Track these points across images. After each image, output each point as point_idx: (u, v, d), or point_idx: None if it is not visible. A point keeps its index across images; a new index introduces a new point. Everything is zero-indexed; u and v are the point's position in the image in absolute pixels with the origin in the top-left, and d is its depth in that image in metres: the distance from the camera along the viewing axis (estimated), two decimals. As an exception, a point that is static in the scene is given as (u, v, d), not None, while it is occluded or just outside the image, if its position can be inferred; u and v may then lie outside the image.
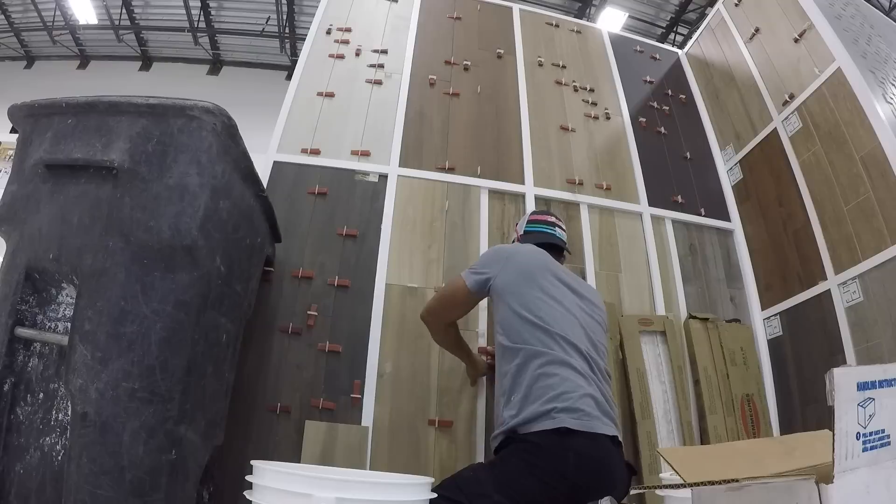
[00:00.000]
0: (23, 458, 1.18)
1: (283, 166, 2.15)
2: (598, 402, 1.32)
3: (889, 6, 6.32)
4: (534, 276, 1.47)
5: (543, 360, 1.34)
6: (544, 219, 1.78)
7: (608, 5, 7.26)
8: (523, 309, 1.41)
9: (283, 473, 0.96)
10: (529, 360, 1.35)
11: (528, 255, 1.55)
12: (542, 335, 1.37)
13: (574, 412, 1.25)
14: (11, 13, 8.01)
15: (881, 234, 1.85)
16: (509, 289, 1.46)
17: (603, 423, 1.28)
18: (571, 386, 1.30)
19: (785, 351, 2.18)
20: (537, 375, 1.32)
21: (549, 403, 1.26)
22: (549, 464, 1.20)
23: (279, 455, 1.67)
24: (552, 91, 2.67)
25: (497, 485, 1.20)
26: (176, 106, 1.26)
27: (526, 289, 1.44)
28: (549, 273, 1.50)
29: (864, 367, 0.59)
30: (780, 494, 0.60)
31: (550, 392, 1.28)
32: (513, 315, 1.42)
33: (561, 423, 1.22)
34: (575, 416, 1.24)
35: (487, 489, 1.20)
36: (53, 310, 1.26)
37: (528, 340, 1.38)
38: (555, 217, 1.79)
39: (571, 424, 1.22)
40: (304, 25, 7.60)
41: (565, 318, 1.42)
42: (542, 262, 1.53)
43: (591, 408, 1.28)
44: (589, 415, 1.26)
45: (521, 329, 1.40)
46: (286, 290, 1.93)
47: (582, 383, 1.32)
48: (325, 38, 2.58)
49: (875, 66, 2.18)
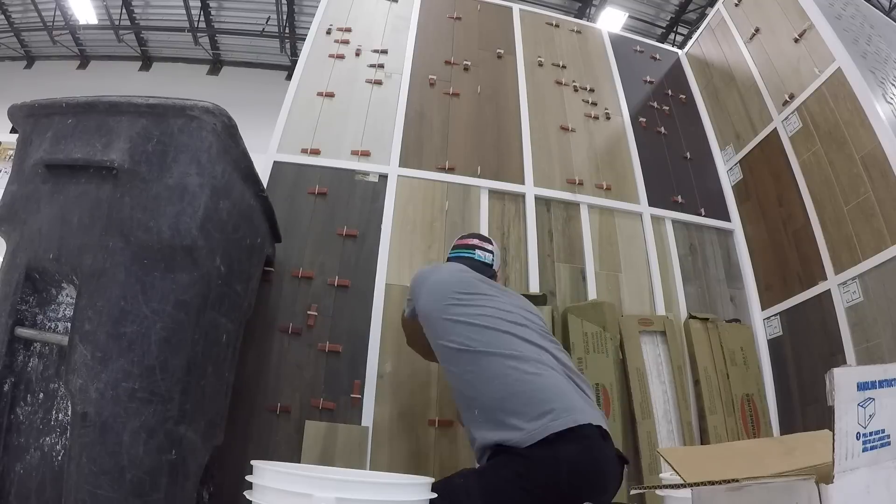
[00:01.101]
0: (23, 458, 1.17)
1: (283, 166, 2.15)
2: (575, 392, 1.27)
3: (889, 6, 6.32)
4: (452, 286, 1.44)
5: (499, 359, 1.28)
6: (465, 243, 1.71)
7: (608, 5, 7.26)
8: (456, 316, 1.36)
9: (283, 473, 0.96)
10: (481, 360, 1.30)
11: (444, 271, 1.53)
12: (487, 335, 1.32)
13: (555, 414, 1.20)
14: (11, 13, 8.00)
15: (881, 234, 1.85)
16: (431, 307, 1.44)
17: (584, 412, 1.23)
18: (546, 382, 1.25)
19: (785, 351, 2.18)
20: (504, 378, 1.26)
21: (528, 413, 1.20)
22: (541, 475, 1.17)
23: (279, 455, 1.67)
24: (552, 91, 2.67)
25: (485, 496, 1.17)
26: (176, 106, 1.26)
27: (450, 301, 1.40)
28: (469, 283, 1.46)
29: (864, 367, 0.59)
30: (780, 494, 0.60)
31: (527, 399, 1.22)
32: (448, 323, 1.37)
33: (548, 432, 1.17)
34: (558, 416, 1.19)
35: (475, 500, 1.17)
36: (53, 310, 1.26)
37: (472, 341, 1.31)
38: (478, 239, 1.71)
39: (557, 427, 1.18)
40: (304, 25, 7.60)
41: (499, 315, 1.37)
42: (457, 276, 1.49)
43: (570, 400, 1.24)
44: (571, 409, 1.22)
45: (461, 332, 1.34)
46: (286, 290, 1.93)
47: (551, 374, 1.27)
48: (325, 38, 2.58)
49: (875, 66, 2.18)
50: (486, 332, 1.33)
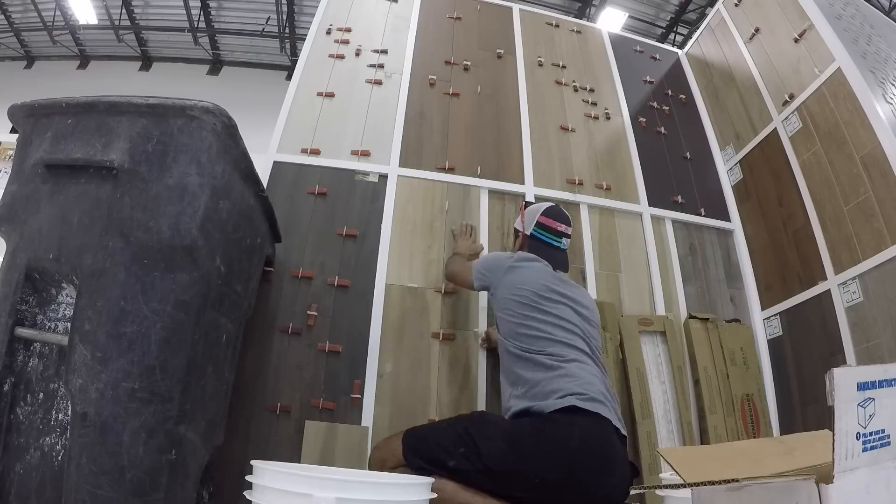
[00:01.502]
0: (23, 458, 1.18)
1: (283, 166, 2.15)
2: (605, 396, 1.42)
3: (889, 6, 6.32)
4: (531, 296, 1.56)
5: (549, 362, 1.45)
6: (555, 228, 1.76)
7: (608, 5, 7.26)
8: (523, 327, 1.52)
9: (283, 473, 0.97)
10: (534, 365, 1.46)
11: (528, 272, 1.62)
12: (545, 344, 1.48)
13: (582, 396, 1.36)
14: (11, 13, 8.00)
15: (881, 234, 1.85)
16: (506, 304, 1.58)
17: (608, 412, 1.38)
18: (583, 378, 1.42)
19: (785, 351, 2.18)
20: (547, 375, 1.43)
21: (561, 391, 1.38)
22: (556, 432, 1.31)
23: (279, 455, 1.67)
24: (552, 91, 2.67)
25: (506, 435, 1.33)
26: (176, 106, 1.26)
27: (525, 308, 1.54)
28: (546, 290, 1.57)
29: (864, 367, 0.59)
30: (780, 494, 0.60)
31: (563, 383, 1.39)
32: (516, 326, 1.54)
33: (570, 403, 1.34)
34: (583, 399, 1.35)
35: (496, 434, 1.34)
36: (53, 310, 1.26)
37: (531, 348, 1.49)
38: (564, 225, 1.78)
39: (579, 404, 1.34)
40: (304, 25, 7.60)
41: (565, 327, 1.52)
42: (540, 281, 1.59)
43: (599, 396, 1.39)
44: (596, 400, 1.37)
45: (524, 339, 1.51)
46: (286, 290, 1.93)
47: (591, 377, 1.44)
48: (325, 38, 2.58)
49: (875, 66, 2.18)
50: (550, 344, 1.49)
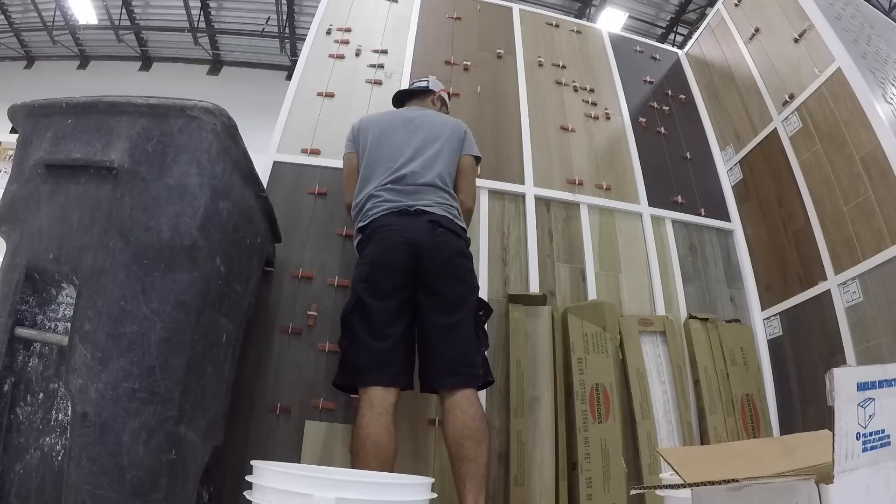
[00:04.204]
0: (23, 458, 1.17)
1: (283, 166, 2.15)
2: (397, 192, 1.70)
3: (889, 6, 6.32)
4: (369, 134, 1.86)
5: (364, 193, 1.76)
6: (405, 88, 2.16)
7: (608, 5, 7.26)
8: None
9: (283, 473, 0.97)
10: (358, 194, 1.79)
11: (370, 122, 1.93)
12: (364, 171, 1.81)
13: (373, 209, 1.70)
14: (11, 13, 8.00)
15: (881, 234, 1.85)
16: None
17: (400, 201, 1.67)
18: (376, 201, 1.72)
19: (785, 351, 2.18)
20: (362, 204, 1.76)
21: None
22: (368, 247, 1.66)
23: (279, 455, 1.67)
24: (552, 91, 2.67)
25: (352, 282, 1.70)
26: (176, 106, 1.26)
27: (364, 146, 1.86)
28: (378, 125, 1.88)
29: (864, 367, 0.59)
30: (780, 494, 0.60)
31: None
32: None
33: (368, 220, 1.69)
34: (372, 212, 1.69)
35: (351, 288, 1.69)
36: (53, 310, 1.26)
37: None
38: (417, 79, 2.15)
39: (372, 216, 1.69)
40: (304, 25, 7.60)
41: (386, 148, 1.80)
42: (377, 120, 1.92)
43: (385, 201, 1.69)
44: (384, 201, 1.68)
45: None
46: (286, 290, 1.93)
47: (385, 195, 1.70)
48: (325, 38, 2.58)
49: (875, 66, 2.18)
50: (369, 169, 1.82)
